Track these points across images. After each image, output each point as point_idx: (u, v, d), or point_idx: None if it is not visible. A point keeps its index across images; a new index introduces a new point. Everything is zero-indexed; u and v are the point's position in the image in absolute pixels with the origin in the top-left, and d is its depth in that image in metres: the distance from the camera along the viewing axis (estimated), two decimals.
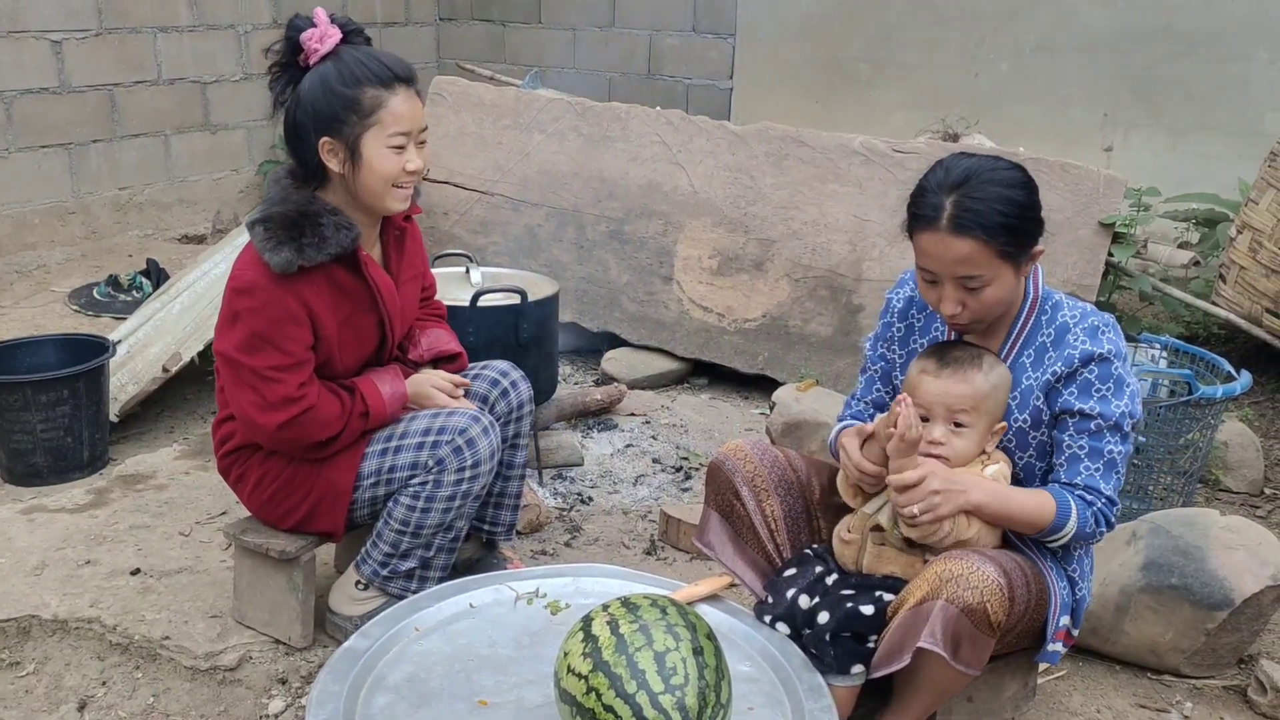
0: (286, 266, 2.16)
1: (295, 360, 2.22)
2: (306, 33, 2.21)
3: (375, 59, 2.22)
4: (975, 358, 2.03)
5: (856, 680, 2.00)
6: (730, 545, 2.23)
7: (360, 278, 2.30)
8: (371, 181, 2.23)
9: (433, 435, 2.29)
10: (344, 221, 2.23)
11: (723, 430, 3.77)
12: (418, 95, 2.26)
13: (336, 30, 2.23)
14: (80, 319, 4.74)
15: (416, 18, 7.73)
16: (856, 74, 6.57)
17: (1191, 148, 5.64)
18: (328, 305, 2.25)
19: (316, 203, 2.24)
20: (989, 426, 2.03)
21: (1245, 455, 3.41)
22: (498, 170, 4.69)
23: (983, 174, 1.95)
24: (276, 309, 2.19)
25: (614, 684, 1.64)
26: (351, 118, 2.19)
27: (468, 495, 2.30)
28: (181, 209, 6.42)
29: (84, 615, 2.53)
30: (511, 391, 2.54)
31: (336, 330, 2.28)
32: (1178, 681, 2.48)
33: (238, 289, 2.22)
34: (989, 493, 1.96)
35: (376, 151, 2.21)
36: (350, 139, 2.20)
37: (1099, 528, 1.99)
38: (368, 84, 2.19)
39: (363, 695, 1.83)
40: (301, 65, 2.23)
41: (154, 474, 3.27)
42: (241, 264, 2.24)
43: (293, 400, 2.20)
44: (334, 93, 2.18)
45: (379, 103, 2.19)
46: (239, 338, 2.21)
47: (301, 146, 2.25)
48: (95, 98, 5.90)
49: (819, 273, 4.13)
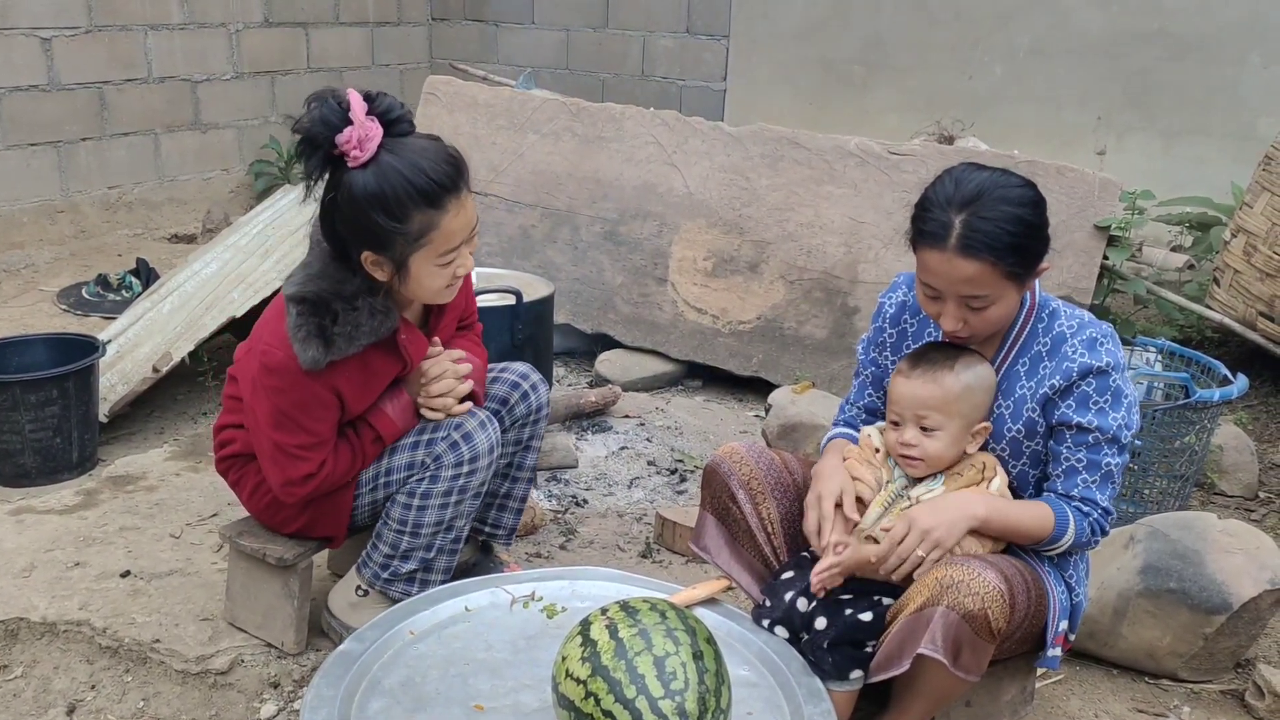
0: (314, 365, 2.05)
1: (320, 440, 2.17)
2: (343, 135, 1.95)
3: (421, 173, 1.99)
4: (949, 359, 2.00)
5: (855, 685, 1.99)
6: (727, 549, 2.21)
7: (394, 352, 2.21)
8: (420, 292, 2.13)
9: (428, 433, 2.27)
10: (381, 306, 2.10)
11: (718, 433, 3.76)
12: (468, 192, 2.08)
13: (376, 127, 1.98)
14: (69, 318, 4.71)
15: (409, 18, 7.70)
16: (850, 76, 6.57)
17: (1185, 151, 5.65)
18: (357, 388, 2.18)
19: (354, 282, 2.08)
20: (965, 428, 2.01)
21: (1240, 459, 3.41)
22: (492, 171, 4.67)
23: (994, 191, 1.90)
24: (303, 394, 2.11)
25: (613, 689, 1.62)
26: (399, 241, 2.02)
27: (465, 491, 2.27)
28: (171, 208, 6.38)
29: (73, 618, 2.50)
30: (532, 394, 2.49)
31: (364, 405, 2.23)
32: (1175, 686, 2.48)
33: (267, 366, 2.10)
34: (990, 508, 1.94)
35: (426, 270, 2.07)
36: (398, 258, 2.05)
37: (1094, 537, 2.00)
38: (415, 209, 2.00)
39: (357, 700, 1.80)
40: (337, 155, 1.99)
41: (144, 475, 3.24)
42: (273, 337, 2.10)
43: (313, 476, 2.18)
44: (378, 220, 1.99)
45: (429, 225, 2.02)
46: (266, 411, 2.14)
47: (341, 248, 2.08)
48: (85, 95, 5.87)
49: (814, 275, 4.12)
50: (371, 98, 2.00)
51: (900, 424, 2.03)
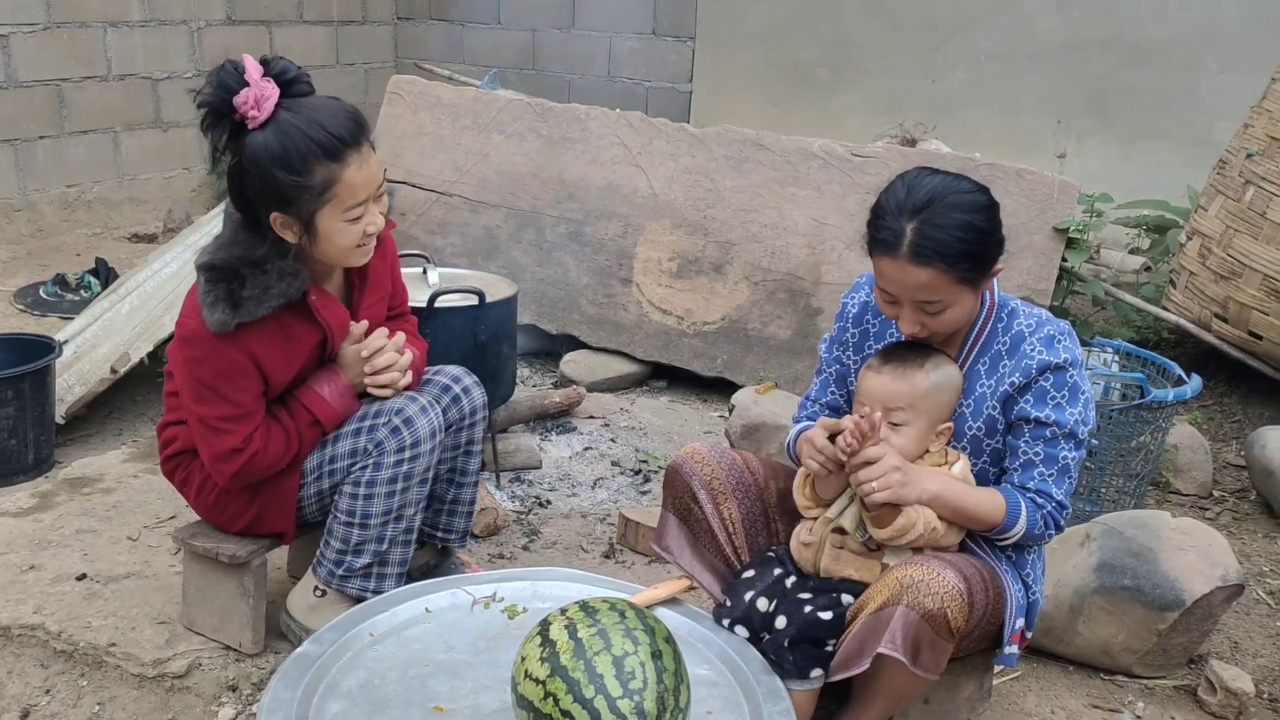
0: (221, 327, 2.07)
1: (243, 411, 2.16)
2: (240, 96, 2.00)
3: (319, 127, 2.03)
4: (920, 357, 2.03)
5: (815, 684, 1.99)
6: (688, 549, 2.22)
7: (313, 320, 2.22)
8: (330, 251, 2.15)
9: (369, 419, 2.26)
10: (290, 268, 2.11)
11: (682, 433, 3.77)
12: (370, 149, 2.11)
13: (272, 87, 2.02)
14: (26, 319, 4.64)
15: (374, 16, 7.65)
16: (815, 79, 6.60)
17: (1142, 155, 5.73)
18: (278, 355, 2.18)
19: (264, 246, 2.10)
20: (930, 426, 2.03)
21: (1195, 458, 3.46)
22: (456, 171, 4.66)
23: (945, 197, 1.91)
24: (220, 362, 2.12)
25: (572, 689, 1.62)
26: (303, 196, 2.05)
27: (410, 478, 2.25)
28: (131, 207, 6.30)
29: (27, 622, 2.47)
30: (464, 398, 2.46)
31: (286, 376, 2.22)
32: (1130, 682, 2.51)
33: (183, 337, 2.14)
34: (944, 484, 1.96)
35: (334, 225, 2.10)
36: (304, 215, 2.08)
37: (1048, 530, 2.02)
38: (316, 162, 2.03)
39: (315, 702, 1.79)
40: (238, 120, 2.04)
41: (101, 477, 3.20)
42: (188, 308, 2.14)
43: (239, 451, 2.16)
44: (281, 177, 2.03)
45: (332, 179, 2.05)
46: (188, 386, 2.16)
47: (251, 213, 2.11)
48: (43, 93, 5.78)
49: (778, 276, 4.14)
50: (267, 61, 2.05)
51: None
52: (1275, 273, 3.71)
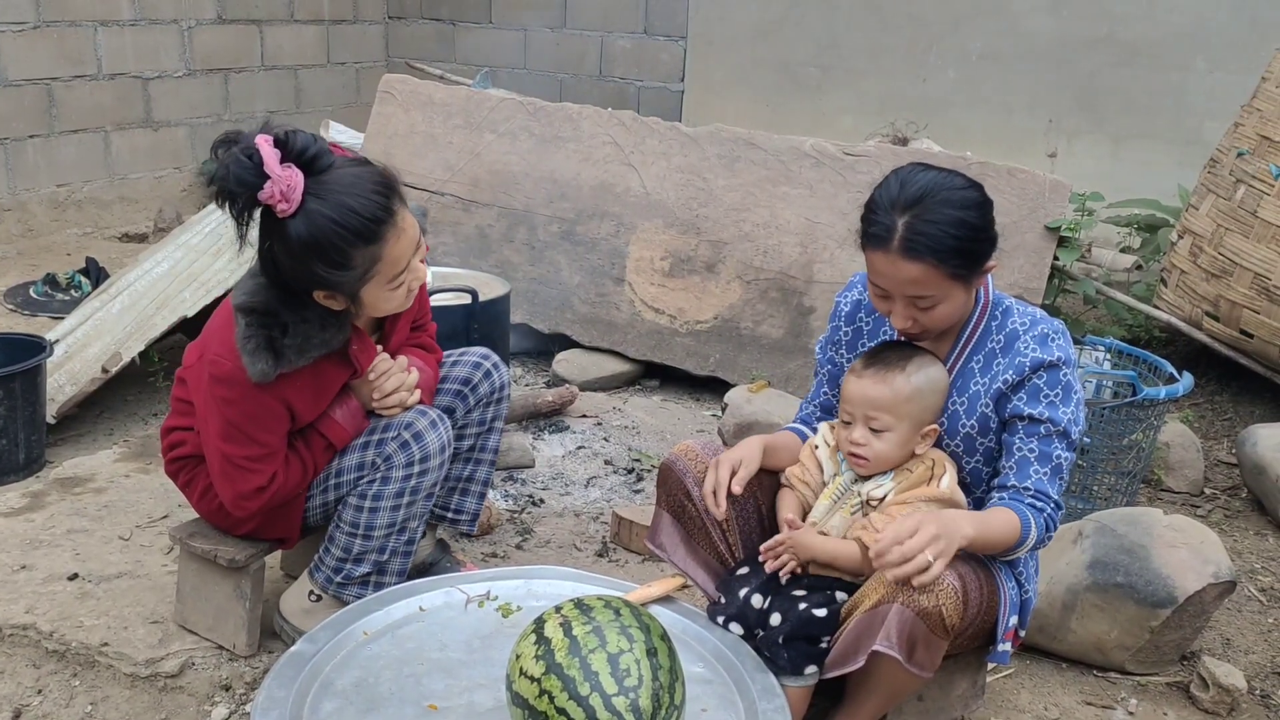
0: (263, 378, 2.01)
1: (269, 451, 2.14)
2: (265, 193, 1.87)
3: (352, 213, 1.92)
4: (902, 360, 2.02)
5: (809, 681, 2.00)
6: (682, 546, 2.22)
7: (346, 361, 2.19)
8: (377, 312, 2.14)
9: (378, 433, 2.25)
10: (333, 321, 2.07)
11: (674, 432, 3.77)
12: (404, 209, 2.02)
13: (296, 175, 1.89)
14: (16, 318, 4.62)
15: (365, 15, 7.64)
16: (806, 78, 6.61)
17: (1132, 154, 5.76)
18: (309, 398, 2.16)
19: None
20: (913, 430, 2.02)
21: (1186, 455, 3.48)
22: (448, 170, 4.65)
23: (937, 193, 1.91)
24: (253, 406, 2.08)
25: (567, 686, 1.62)
26: (345, 281, 1.99)
27: (417, 492, 2.25)
28: (122, 207, 6.29)
29: (19, 621, 2.45)
30: (494, 373, 2.48)
31: (314, 415, 2.20)
32: (1123, 678, 2.52)
33: (216, 377, 2.07)
34: (976, 527, 1.87)
35: (380, 295, 2.06)
36: (349, 293, 2.02)
37: (1047, 533, 2.01)
38: (354, 251, 1.95)
39: (309, 701, 1.79)
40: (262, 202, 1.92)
41: (93, 477, 3.18)
42: (222, 347, 2.06)
43: (264, 490, 2.15)
44: (320, 271, 1.95)
45: (373, 259, 1.98)
46: (216, 423, 2.11)
47: (291, 290, 2.03)
48: (33, 92, 5.76)
49: (770, 275, 4.14)
50: (283, 142, 1.90)
51: (851, 422, 2.04)
52: (1266, 271, 3.73)
